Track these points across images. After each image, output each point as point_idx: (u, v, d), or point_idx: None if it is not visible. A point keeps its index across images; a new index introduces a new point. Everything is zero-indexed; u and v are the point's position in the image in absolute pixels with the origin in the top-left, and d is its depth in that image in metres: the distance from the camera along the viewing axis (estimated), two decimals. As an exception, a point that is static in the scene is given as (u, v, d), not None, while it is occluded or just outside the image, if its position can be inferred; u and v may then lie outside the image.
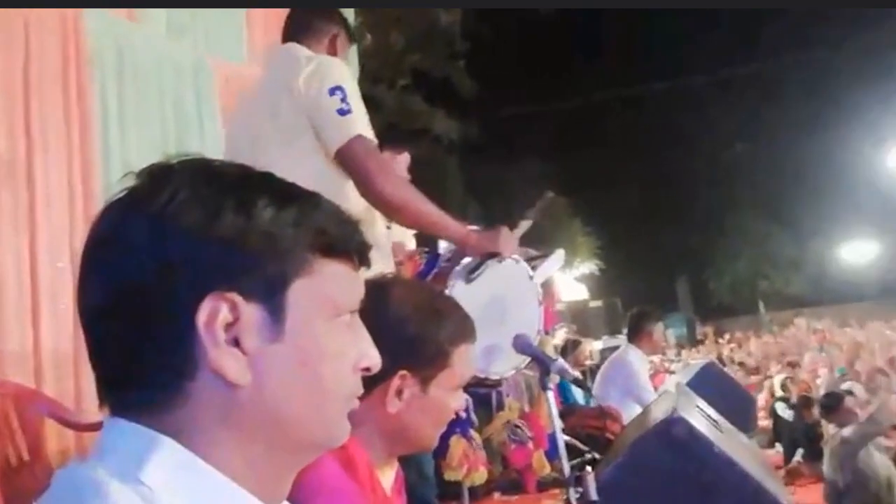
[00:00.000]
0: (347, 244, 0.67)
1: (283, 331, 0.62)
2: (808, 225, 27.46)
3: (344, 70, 1.96)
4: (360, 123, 1.88)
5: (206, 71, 3.56)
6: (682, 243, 29.17)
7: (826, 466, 4.65)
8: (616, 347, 6.54)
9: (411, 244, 2.75)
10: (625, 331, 5.25)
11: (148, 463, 0.57)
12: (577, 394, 6.25)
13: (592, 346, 9.83)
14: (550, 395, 1.92)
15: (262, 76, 2.21)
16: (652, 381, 6.20)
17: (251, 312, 0.60)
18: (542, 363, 1.94)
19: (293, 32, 2.13)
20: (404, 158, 3.03)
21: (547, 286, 4.66)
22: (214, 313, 0.59)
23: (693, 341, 24.92)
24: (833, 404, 5.04)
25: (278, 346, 0.61)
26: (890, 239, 24.92)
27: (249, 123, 2.09)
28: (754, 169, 28.08)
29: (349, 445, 1.00)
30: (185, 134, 3.39)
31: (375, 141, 1.93)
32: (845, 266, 28.23)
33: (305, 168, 1.88)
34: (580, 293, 22.11)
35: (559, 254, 2.97)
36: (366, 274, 0.71)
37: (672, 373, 9.55)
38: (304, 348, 0.63)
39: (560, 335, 11.60)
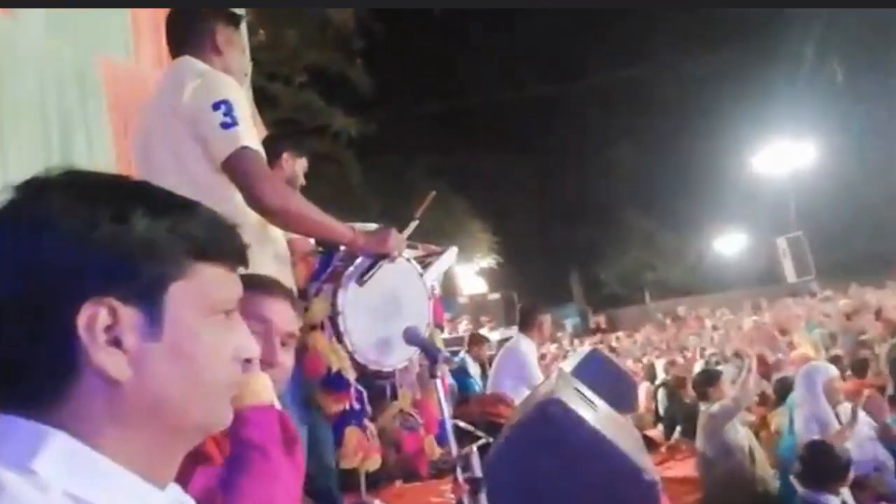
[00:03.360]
0: (222, 248, 0.73)
1: (162, 330, 0.67)
2: (687, 220, 29.47)
3: (229, 84, 2.02)
4: (245, 135, 1.95)
5: (91, 69, 3.46)
6: (574, 238, 30.47)
7: (698, 440, 5.05)
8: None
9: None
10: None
11: (39, 454, 0.61)
12: (476, 383, 6.49)
13: (491, 337, 10.11)
14: (439, 383, 2.07)
15: (153, 91, 2.23)
16: (549, 369, 6.52)
17: (130, 315, 0.65)
18: (429, 354, 2.08)
19: (178, 42, 2.16)
20: (302, 163, 3.08)
21: (449, 280, 4.84)
22: (93, 317, 0.63)
23: (587, 330, 26.00)
24: (704, 383, 5.45)
25: (158, 345, 0.67)
26: (756, 232, 27.08)
27: (144, 136, 2.12)
28: (637, 168, 29.80)
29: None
30: (71, 132, 3.28)
31: (261, 151, 2.01)
32: (720, 257, 30.44)
33: (195, 179, 1.94)
34: (480, 287, 22.64)
35: (452, 251, 3.14)
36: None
37: (569, 360, 9.95)
38: (182, 345, 0.68)
39: (462, 328, 11.90)
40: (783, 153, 21.64)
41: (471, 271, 23.77)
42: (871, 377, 5.28)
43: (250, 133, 1.99)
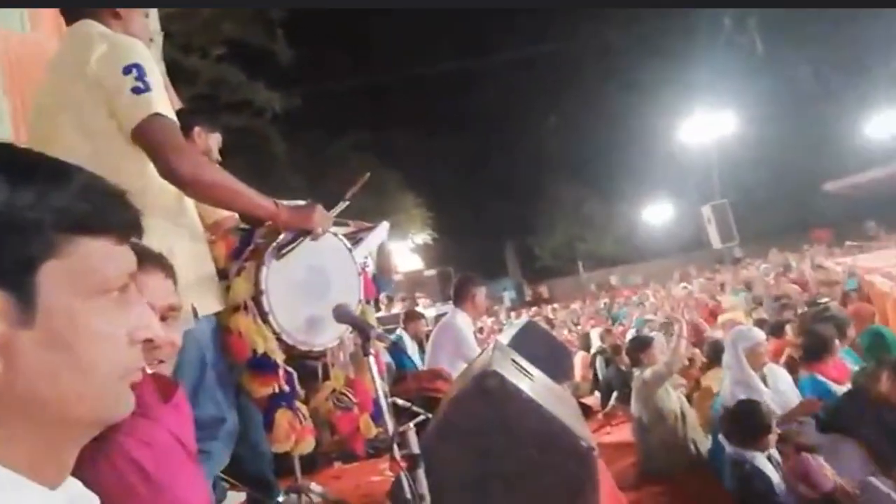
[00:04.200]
0: (102, 220, 0.64)
1: (35, 316, 0.59)
2: (615, 191, 30.27)
3: (140, 48, 1.87)
4: (158, 102, 1.81)
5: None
6: (506, 212, 30.86)
7: (633, 406, 5.17)
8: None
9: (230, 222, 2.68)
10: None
11: None
12: (412, 360, 6.46)
13: (428, 314, 10.10)
14: (372, 360, 2.00)
15: (53, 58, 2.04)
16: (486, 342, 6.53)
17: None
18: (362, 330, 2.00)
19: (73, 5, 1.98)
20: (216, 138, 2.93)
21: (383, 257, 4.77)
22: None
23: (523, 303, 26.45)
24: (636, 349, 5.58)
25: (31, 332, 0.59)
26: (683, 202, 28.04)
27: (43, 108, 1.94)
28: (564, 141, 30.34)
29: None
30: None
31: (174, 119, 1.87)
32: (649, 227, 31.39)
33: (104, 150, 1.79)
34: (416, 263, 22.61)
35: (384, 226, 3.06)
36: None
37: (506, 333, 10.06)
38: (60, 331, 0.60)
39: (399, 305, 11.85)
40: (706, 123, 22.31)
41: (405, 248, 23.72)
42: (792, 337, 5.51)
43: (163, 100, 1.84)
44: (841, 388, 4.44)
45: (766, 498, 3.62)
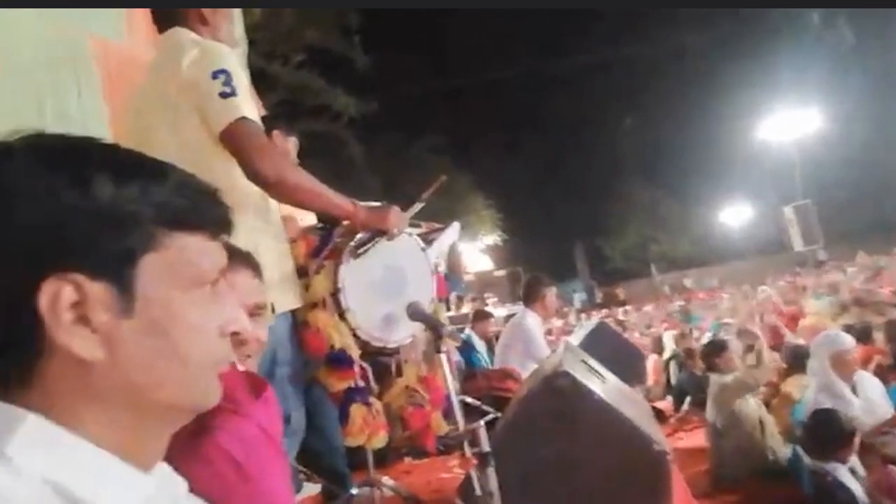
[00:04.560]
0: (199, 215, 0.67)
1: (134, 306, 0.62)
2: (691, 192, 29.45)
3: (227, 54, 1.97)
4: (244, 106, 1.90)
5: (85, 49, 3.40)
6: (576, 213, 30.51)
7: (708, 411, 5.04)
8: (518, 314, 6.76)
9: (306, 220, 2.78)
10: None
11: (12, 438, 0.58)
12: (482, 359, 6.48)
13: (497, 314, 10.09)
14: (444, 357, 2.04)
15: (149, 63, 2.17)
16: (556, 343, 6.50)
17: (98, 290, 0.60)
18: (434, 328, 2.04)
19: (164, 14, 2.10)
20: (293, 141, 3.04)
21: (454, 257, 4.82)
22: (56, 295, 0.59)
23: (593, 305, 26.04)
24: (712, 354, 5.42)
25: (131, 321, 0.62)
26: (760, 203, 27.02)
27: (139, 111, 2.07)
28: (640, 142, 29.77)
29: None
30: (63, 116, 3.23)
31: (259, 122, 1.96)
32: (725, 229, 30.37)
33: (193, 151, 1.89)
34: (486, 263, 22.64)
35: (455, 226, 3.11)
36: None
37: (578, 335, 9.94)
38: (158, 321, 0.63)
39: (468, 306, 11.90)
40: (788, 121, 21.40)
41: (476, 248, 23.77)
42: (882, 344, 5.24)
43: (248, 104, 1.94)
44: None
45: (849, 511, 3.47)
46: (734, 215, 30.17)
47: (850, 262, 15.39)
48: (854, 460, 3.76)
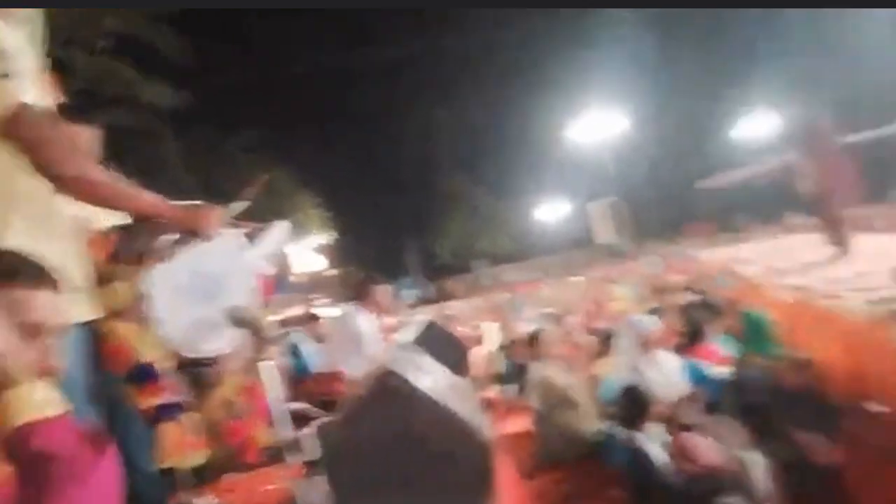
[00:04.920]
0: None
1: None
2: (509, 188, 30.97)
3: (1, 29, 1.70)
4: (25, 91, 1.66)
5: None
6: (402, 210, 30.90)
7: (530, 397, 5.30)
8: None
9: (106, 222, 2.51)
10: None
11: None
12: (312, 363, 6.31)
13: (329, 313, 9.92)
14: (267, 364, 1.93)
15: None
16: (388, 340, 6.48)
17: None
18: (256, 334, 1.93)
19: None
20: (94, 133, 2.74)
21: (280, 258, 4.62)
22: None
23: (426, 300, 26.59)
24: (531, 343, 5.76)
25: None
26: (574, 198, 29.06)
27: None
28: (457, 137, 30.68)
29: None
30: None
31: (49, 110, 1.72)
32: (542, 224, 32.36)
33: None
34: (317, 263, 22.18)
35: (282, 225, 2.96)
36: None
37: (408, 332, 10.01)
38: None
39: (298, 307, 11.56)
40: (598, 121, 23.22)
41: (309, 248, 23.25)
42: (678, 324, 5.84)
43: (33, 88, 1.68)
44: (716, 371, 4.82)
45: (654, 475, 3.87)
46: (551, 211, 32.17)
47: (655, 253, 17.08)
48: (661, 430, 4.20)
